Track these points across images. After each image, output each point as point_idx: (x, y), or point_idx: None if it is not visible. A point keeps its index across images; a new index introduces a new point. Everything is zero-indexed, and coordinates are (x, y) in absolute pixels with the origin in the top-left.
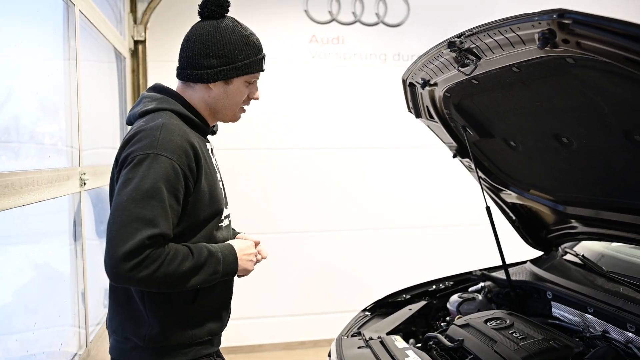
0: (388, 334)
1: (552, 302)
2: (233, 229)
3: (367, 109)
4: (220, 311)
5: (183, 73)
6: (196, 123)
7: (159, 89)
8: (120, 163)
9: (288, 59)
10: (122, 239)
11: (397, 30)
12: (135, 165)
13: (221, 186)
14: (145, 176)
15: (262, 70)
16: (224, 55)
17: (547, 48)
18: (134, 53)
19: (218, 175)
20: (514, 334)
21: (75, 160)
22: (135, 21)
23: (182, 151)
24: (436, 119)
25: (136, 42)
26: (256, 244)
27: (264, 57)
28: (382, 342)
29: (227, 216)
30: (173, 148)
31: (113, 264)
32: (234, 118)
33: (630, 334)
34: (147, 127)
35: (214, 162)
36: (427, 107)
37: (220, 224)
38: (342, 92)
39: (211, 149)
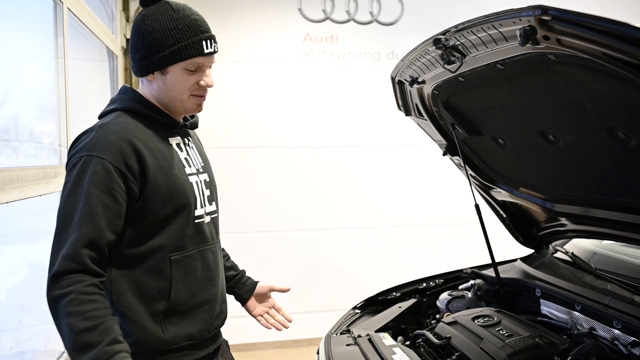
0: (377, 331)
1: (541, 300)
2: (250, 278)
3: (361, 107)
4: (199, 313)
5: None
6: (153, 117)
7: (122, 90)
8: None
9: (282, 58)
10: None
11: (391, 28)
12: (70, 170)
13: (198, 180)
14: (77, 180)
15: (203, 54)
16: (149, 45)
17: (528, 45)
18: (127, 51)
19: (190, 169)
20: (501, 331)
21: (63, 158)
22: (127, 19)
23: (116, 148)
24: (425, 116)
25: (128, 41)
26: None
27: (203, 39)
28: (370, 340)
29: (211, 213)
30: (105, 146)
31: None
32: (187, 109)
33: (617, 331)
34: (86, 130)
35: (183, 156)
36: (416, 104)
37: (197, 221)
38: (336, 90)
39: (179, 143)
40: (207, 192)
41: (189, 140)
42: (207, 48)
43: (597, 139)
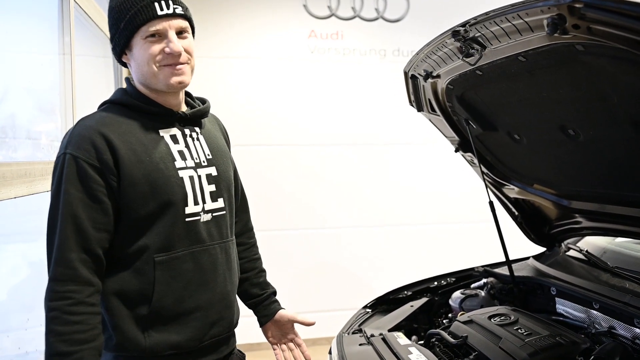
0: (390, 330)
1: (556, 298)
2: (275, 302)
3: (367, 105)
4: (189, 320)
5: None
6: (144, 108)
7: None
8: None
9: (287, 55)
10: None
11: (396, 25)
12: (54, 170)
13: (194, 175)
14: (57, 180)
15: (157, 17)
16: (112, 25)
17: (556, 35)
18: None
19: (183, 162)
20: (519, 330)
21: None
22: None
23: (89, 144)
24: (438, 112)
25: None
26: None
27: (155, 1)
28: (384, 339)
29: (213, 210)
30: (79, 143)
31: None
32: (167, 84)
33: (638, 330)
34: (70, 128)
35: (177, 149)
36: (429, 100)
37: (189, 220)
38: (341, 87)
39: (174, 135)
40: (209, 188)
41: (193, 131)
42: (162, 9)
43: (620, 133)
